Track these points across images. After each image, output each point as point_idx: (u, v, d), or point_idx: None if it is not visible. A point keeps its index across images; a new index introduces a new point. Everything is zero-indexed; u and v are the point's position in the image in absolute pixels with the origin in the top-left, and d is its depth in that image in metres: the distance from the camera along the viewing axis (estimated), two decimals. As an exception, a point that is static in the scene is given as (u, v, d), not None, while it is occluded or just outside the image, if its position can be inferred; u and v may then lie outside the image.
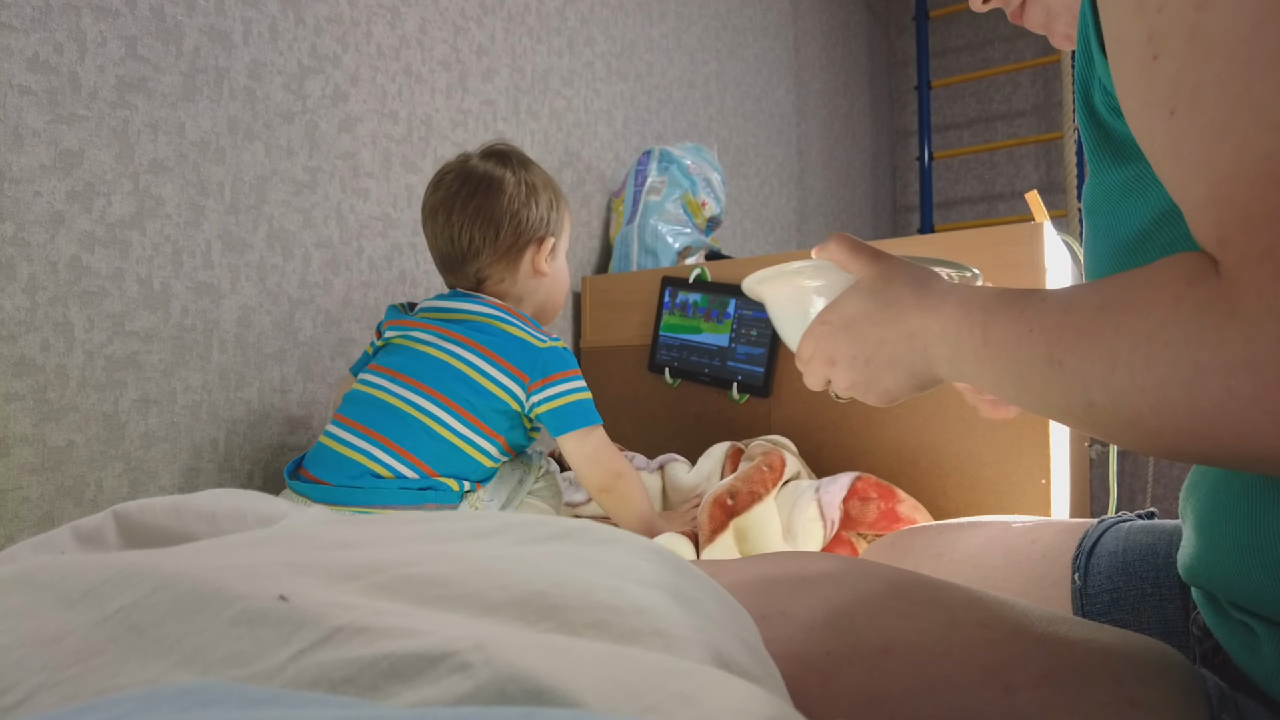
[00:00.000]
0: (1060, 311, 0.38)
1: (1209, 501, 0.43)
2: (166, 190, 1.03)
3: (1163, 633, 0.54)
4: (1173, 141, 0.34)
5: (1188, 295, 0.32)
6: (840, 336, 0.55)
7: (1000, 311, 0.43)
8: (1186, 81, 0.33)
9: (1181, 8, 0.33)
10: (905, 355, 0.51)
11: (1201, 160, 0.33)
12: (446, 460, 0.92)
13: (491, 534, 0.36)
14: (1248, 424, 0.30)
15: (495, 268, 1.01)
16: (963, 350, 0.45)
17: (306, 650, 0.24)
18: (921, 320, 0.49)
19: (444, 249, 1.01)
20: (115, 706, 0.20)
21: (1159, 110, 0.35)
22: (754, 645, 0.35)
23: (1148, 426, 0.34)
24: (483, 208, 0.98)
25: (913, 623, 0.45)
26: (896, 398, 0.55)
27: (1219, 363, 0.30)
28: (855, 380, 0.55)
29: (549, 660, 0.25)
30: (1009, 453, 1.10)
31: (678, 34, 2.10)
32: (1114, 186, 0.44)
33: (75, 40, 0.94)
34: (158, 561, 0.27)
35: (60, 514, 0.93)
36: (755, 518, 0.99)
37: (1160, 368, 0.32)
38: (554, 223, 1.03)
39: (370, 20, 1.31)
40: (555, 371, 0.95)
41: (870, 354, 0.53)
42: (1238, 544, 0.40)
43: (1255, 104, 0.31)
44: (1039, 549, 0.64)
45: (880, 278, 0.54)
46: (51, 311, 0.92)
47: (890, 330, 0.52)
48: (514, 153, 1.04)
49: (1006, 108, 3.28)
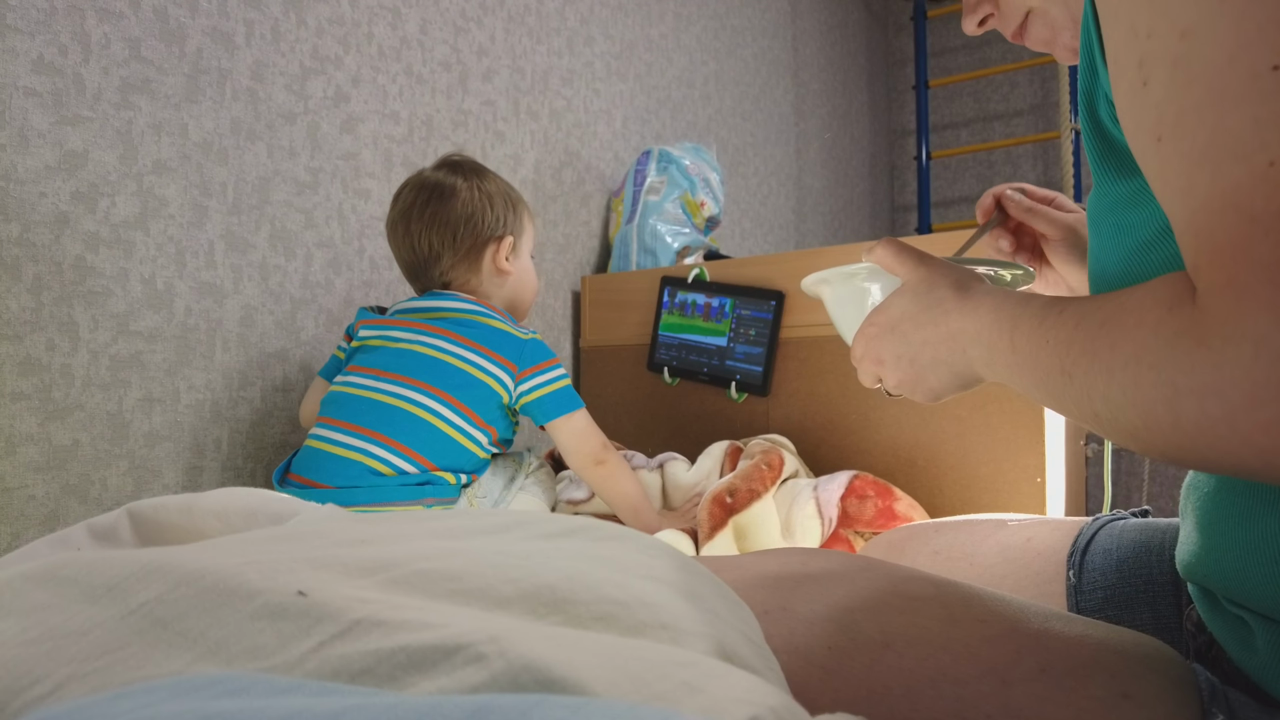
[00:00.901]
0: (1072, 325, 0.40)
1: (1210, 501, 0.43)
2: (170, 191, 1.04)
3: (1155, 629, 0.55)
4: (1160, 167, 0.35)
5: (1167, 321, 0.34)
6: (887, 338, 0.57)
7: (1025, 321, 0.44)
8: (1170, 109, 0.34)
9: (1167, 35, 0.34)
10: (947, 356, 0.53)
11: (1182, 187, 0.34)
12: (444, 453, 0.94)
13: (501, 530, 0.36)
14: (1223, 443, 0.31)
15: (458, 269, 1.04)
16: (995, 354, 0.47)
17: (326, 643, 0.25)
18: (960, 323, 0.51)
19: (407, 258, 1.06)
20: (147, 695, 0.21)
21: (1148, 135, 0.36)
22: (756, 640, 0.36)
23: (1143, 438, 0.35)
24: (438, 214, 1.02)
25: (912, 618, 0.46)
26: (941, 395, 0.56)
27: (1192, 386, 0.32)
28: (902, 379, 0.57)
29: (560, 651, 0.26)
30: (1005, 451, 1.11)
31: (677, 34, 2.11)
32: (1118, 199, 0.45)
33: (79, 42, 0.95)
34: (179, 558, 0.28)
35: (65, 512, 0.94)
36: (754, 515, 1.00)
37: (1146, 388, 0.34)
38: (511, 223, 1.07)
39: (371, 21, 1.31)
40: (540, 361, 0.99)
41: (915, 354, 0.55)
42: (1237, 542, 0.40)
43: (1228, 135, 0.31)
44: (1034, 547, 0.65)
45: (925, 281, 0.55)
46: (56, 311, 0.93)
47: (933, 332, 0.53)
48: (466, 162, 1.08)
49: (1004, 107, 3.29)
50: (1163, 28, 0.34)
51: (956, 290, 0.52)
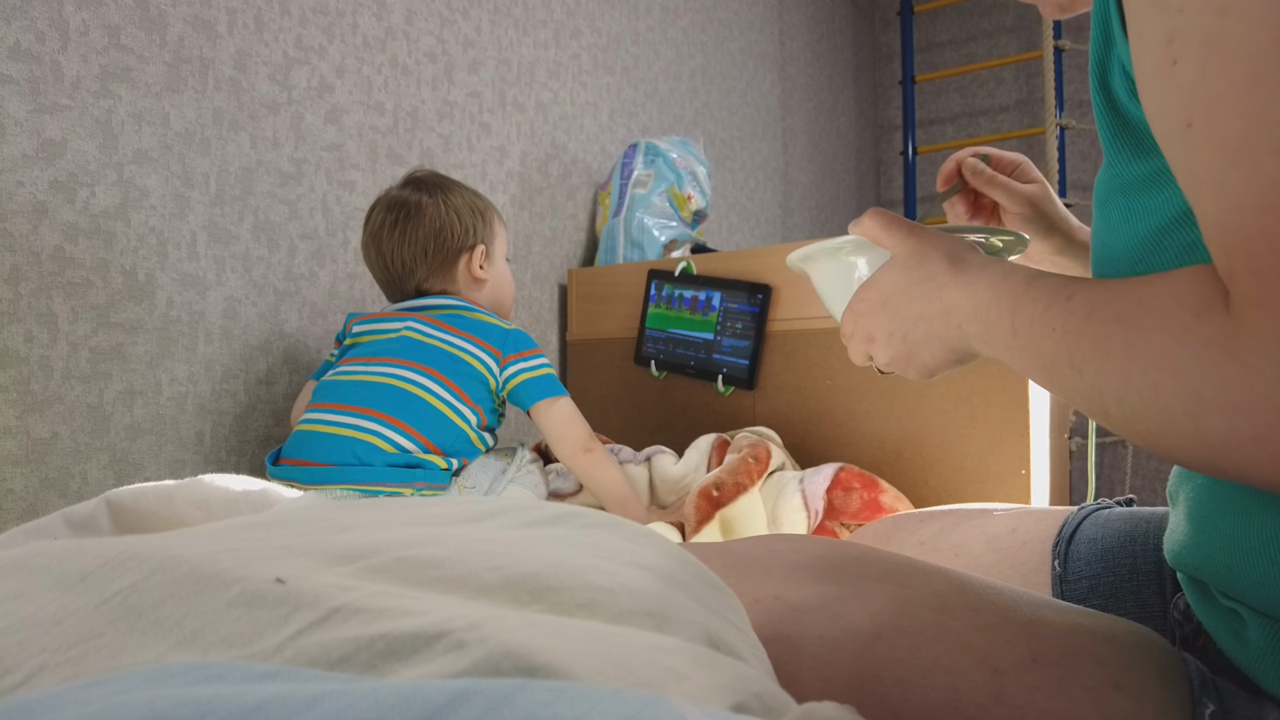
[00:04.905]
0: (1082, 316, 0.38)
1: (1205, 493, 0.42)
2: (151, 181, 1.02)
3: (1139, 616, 0.55)
4: (1187, 156, 0.33)
5: (1195, 328, 0.32)
6: (878, 314, 0.55)
7: (1027, 304, 0.42)
8: (1202, 94, 0.31)
9: (1201, 10, 0.31)
10: (941, 332, 0.51)
11: (1214, 181, 0.31)
12: (434, 427, 0.95)
13: (485, 518, 0.36)
14: (1249, 460, 0.30)
15: (433, 279, 1.07)
16: (994, 334, 0.45)
17: (305, 630, 0.24)
18: (955, 297, 0.49)
19: (382, 276, 1.08)
20: (121, 682, 0.20)
21: (1175, 120, 0.33)
22: (744, 628, 0.36)
23: (1159, 444, 0.34)
24: (406, 232, 1.05)
25: (904, 607, 0.45)
26: (935, 372, 0.54)
27: (1221, 401, 0.30)
28: (894, 356, 0.55)
29: (542, 638, 0.26)
30: (990, 444, 1.11)
31: (664, 27, 2.10)
32: (1132, 180, 0.42)
33: (57, 29, 0.93)
34: (155, 546, 0.28)
35: (45, 506, 0.92)
36: (741, 509, 1.00)
37: (1167, 396, 0.32)
38: (480, 232, 1.09)
39: (356, 11, 1.30)
40: (524, 349, 1.02)
41: (907, 331, 0.53)
42: (1231, 539, 0.40)
43: (1270, 125, 0.29)
44: (1020, 537, 0.65)
45: (916, 254, 0.53)
46: (35, 302, 0.91)
47: (926, 306, 0.51)
48: (429, 177, 1.10)
49: (990, 103, 3.30)
50: (1196, 1, 0.31)
51: (950, 263, 0.50)
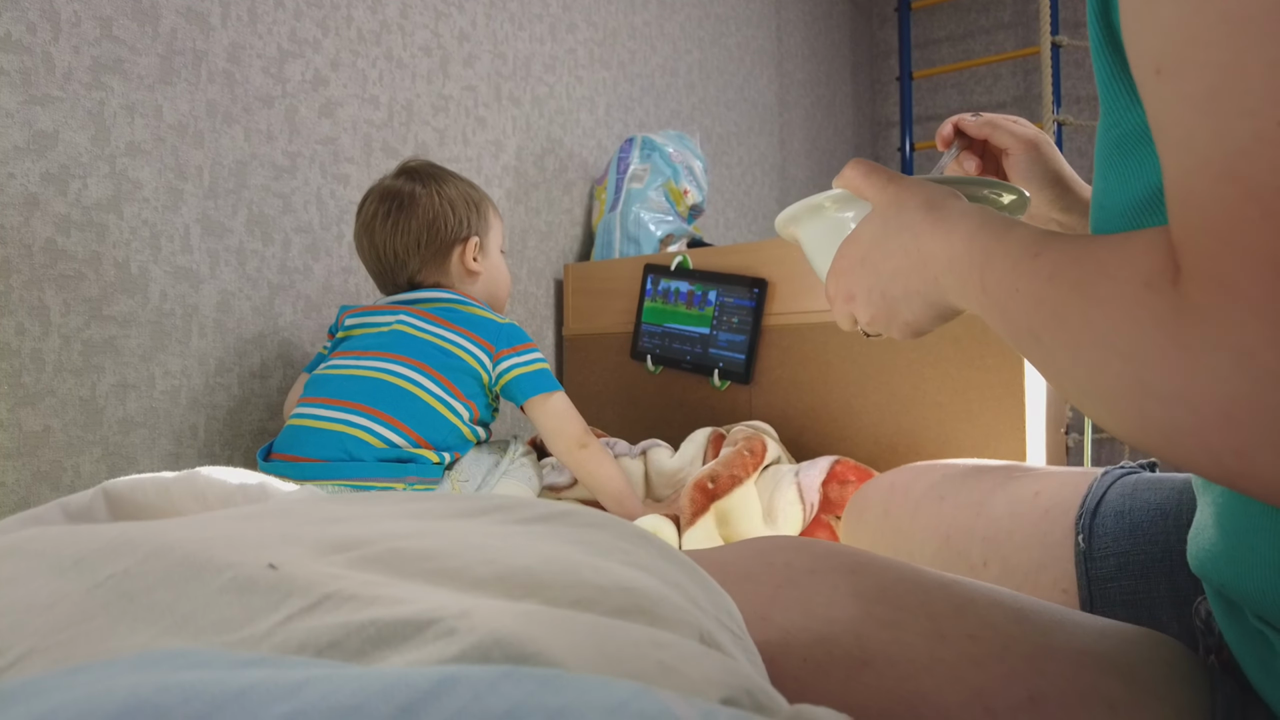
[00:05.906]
0: (1044, 278, 0.34)
1: (1235, 499, 0.37)
2: (144, 173, 1.02)
3: (1174, 601, 0.51)
4: (1158, 108, 0.28)
5: (1144, 301, 0.28)
6: (857, 270, 0.51)
7: (998, 259, 0.38)
8: (1176, 35, 0.27)
9: None
10: (919, 285, 0.46)
11: (1179, 138, 0.27)
12: (425, 422, 0.95)
13: (479, 514, 0.36)
14: (1190, 455, 0.28)
15: (426, 271, 1.06)
16: (966, 289, 0.42)
17: (295, 616, 0.24)
18: (931, 247, 0.45)
19: (375, 267, 1.07)
20: (107, 668, 0.20)
21: (1147, 65, 0.29)
22: (738, 631, 0.36)
23: (1110, 427, 0.32)
24: (399, 223, 1.03)
25: (896, 633, 0.42)
26: (920, 330, 0.51)
27: (1162, 390, 0.28)
28: (875, 315, 0.51)
29: (533, 628, 0.26)
30: (986, 439, 1.11)
31: (660, 21, 2.10)
32: (1130, 130, 0.37)
33: (49, 20, 0.93)
34: (149, 532, 0.27)
35: (37, 499, 0.92)
36: (736, 501, 1.00)
37: (1111, 377, 0.30)
38: (475, 223, 1.08)
39: (351, 4, 1.29)
40: (517, 344, 1.01)
41: (885, 286, 0.49)
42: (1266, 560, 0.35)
43: (1241, 79, 0.25)
44: (1042, 503, 0.61)
45: (893, 203, 0.49)
46: (26, 295, 0.91)
47: (903, 260, 0.47)
48: (424, 167, 1.09)
49: (987, 99, 3.30)
50: None
51: (927, 210, 0.46)
